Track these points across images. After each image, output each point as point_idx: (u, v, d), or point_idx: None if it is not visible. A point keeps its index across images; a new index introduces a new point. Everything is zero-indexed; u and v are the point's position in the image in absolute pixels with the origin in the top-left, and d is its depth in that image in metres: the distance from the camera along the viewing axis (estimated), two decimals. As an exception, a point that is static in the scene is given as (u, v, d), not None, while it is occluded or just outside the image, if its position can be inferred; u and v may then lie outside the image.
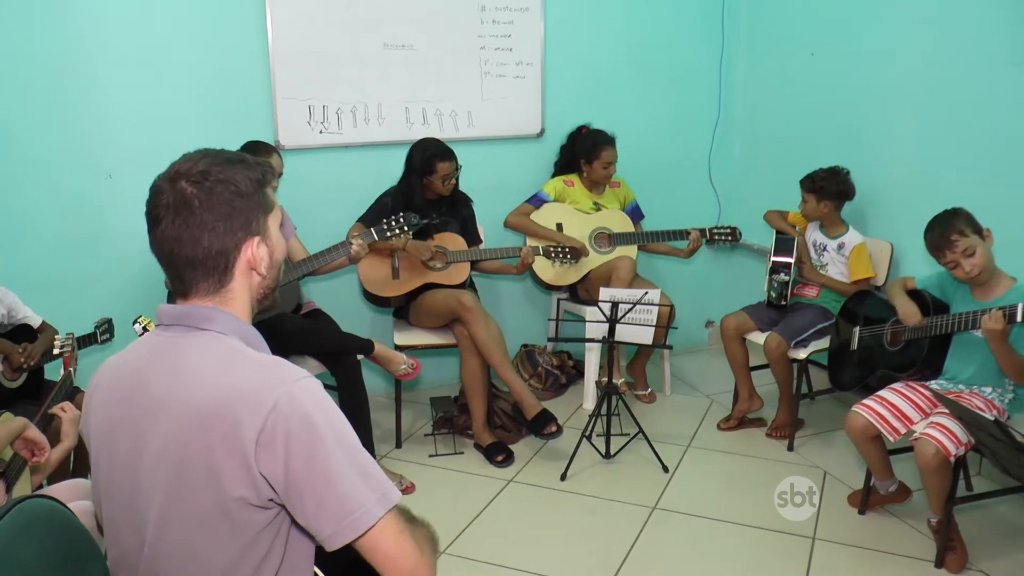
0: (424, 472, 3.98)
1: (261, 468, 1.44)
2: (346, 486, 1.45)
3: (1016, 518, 3.56)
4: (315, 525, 1.46)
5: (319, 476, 1.44)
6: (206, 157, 1.56)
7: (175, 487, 1.49)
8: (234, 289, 1.60)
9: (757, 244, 5.07)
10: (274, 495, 1.47)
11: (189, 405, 1.47)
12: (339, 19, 4.36)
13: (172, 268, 1.58)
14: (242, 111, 4.29)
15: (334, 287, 4.61)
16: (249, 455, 1.43)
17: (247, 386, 1.46)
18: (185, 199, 1.51)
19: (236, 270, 1.59)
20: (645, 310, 3.92)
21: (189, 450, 1.46)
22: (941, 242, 3.19)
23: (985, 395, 3.31)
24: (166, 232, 1.53)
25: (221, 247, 1.55)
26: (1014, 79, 3.61)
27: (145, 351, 1.61)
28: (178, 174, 1.53)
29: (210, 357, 1.53)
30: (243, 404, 1.44)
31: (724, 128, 5.40)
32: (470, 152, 4.56)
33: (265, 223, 1.61)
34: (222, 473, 1.44)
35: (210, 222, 1.52)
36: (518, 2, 4.70)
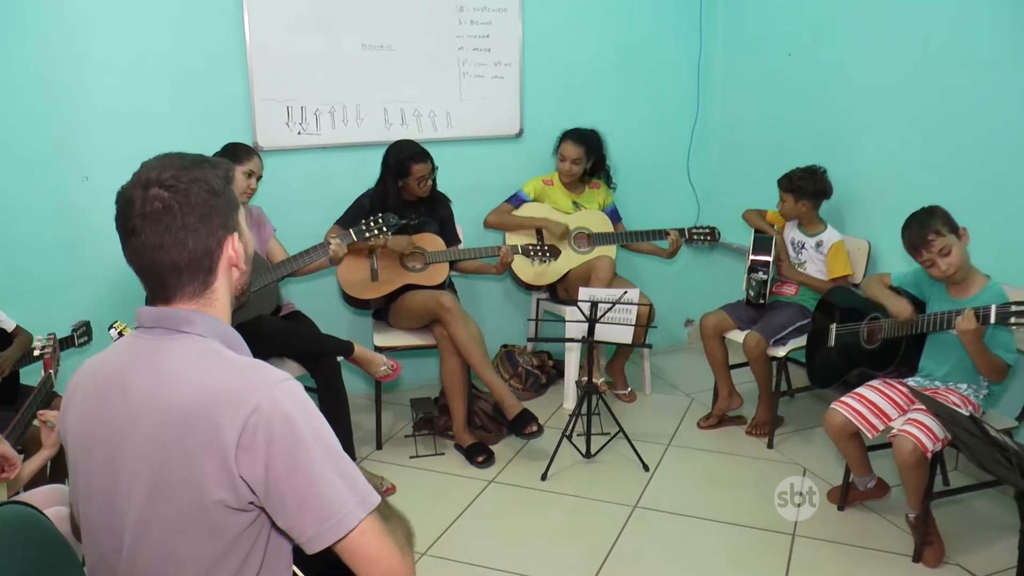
0: (405, 473, 3.97)
1: (241, 471, 1.43)
2: (327, 488, 1.44)
3: (991, 512, 3.59)
4: (296, 528, 1.46)
5: (300, 479, 1.43)
6: (170, 162, 1.55)
7: (154, 490, 1.48)
8: (217, 289, 1.59)
9: (736, 243, 5.09)
10: (254, 498, 1.46)
11: (169, 408, 1.46)
12: (317, 19, 4.35)
13: (154, 276, 1.56)
14: (220, 112, 4.27)
15: (313, 289, 4.60)
16: (229, 458, 1.42)
17: (227, 389, 1.45)
18: (164, 205, 1.50)
19: (219, 269, 1.59)
20: (624, 309, 3.93)
21: (168, 453, 1.45)
22: (918, 241, 3.22)
23: (961, 391, 3.34)
24: (147, 241, 1.51)
25: (206, 247, 1.55)
26: (990, 78, 3.64)
27: (125, 354, 1.60)
28: (149, 181, 1.52)
29: (190, 360, 1.52)
30: (223, 407, 1.43)
31: (702, 128, 5.42)
32: (449, 153, 4.56)
33: (237, 219, 1.62)
34: (202, 476, 1.44)
35: (192, 224, 1.52)
36: (496, 2, 4.70)
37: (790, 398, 4.73)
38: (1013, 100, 3.54)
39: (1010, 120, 3.56)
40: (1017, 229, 3.55)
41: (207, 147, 3.70)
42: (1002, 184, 3.61)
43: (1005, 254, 3.54)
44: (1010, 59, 3.53)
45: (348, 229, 3.93)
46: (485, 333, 4.19)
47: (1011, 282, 3.36)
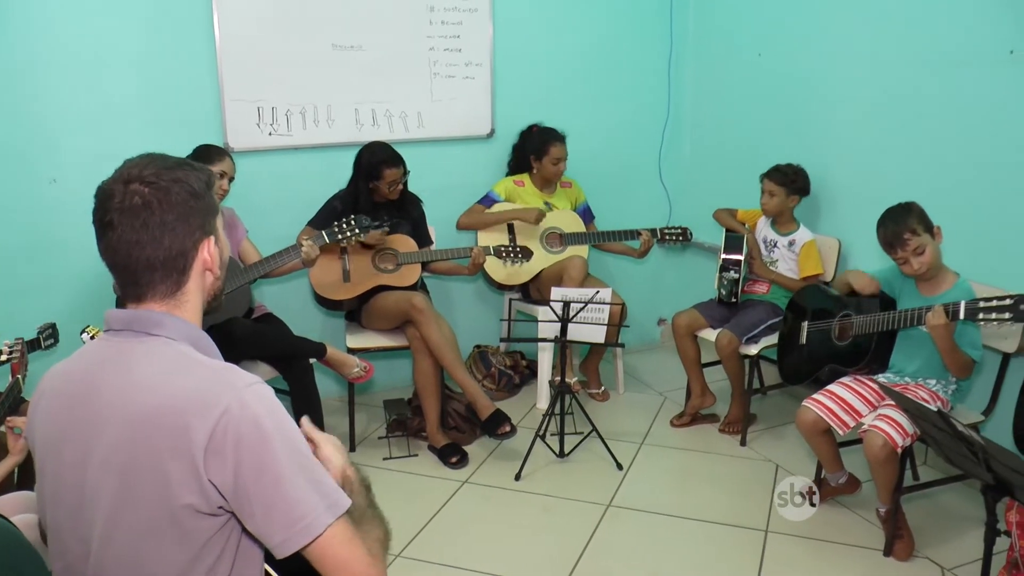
0: (378, 475, 3.96)
1: (210, 475, 1.42)
2: (296, 492, 1.44)
3: (959, 505, 3.63)
4: (265, 532, 1.45)
5: (269, 482, 1.43)
6: (153, 160, 1.55)
7: (122, 495, 1.46)
8: (189, 291, 1.59)
9: (708, 242, 5.11)
10: (223, 502, 1.45)
11: (137, 411, 1.45)
12: (287, 20, 4.32)
13: (128, 272, 1.55)
14: (190, 113, 4.23)
15: (286, 290, 4.57)
16: (198, 461, 1.41)
17: (197, 392, 1.45)
18: (143, 200, 1.50)
19: (193, 271, 1.58)
20: (597, 309, 3.94)
21: (137, 457, 1.44)
22: (894, 239, 3.24)
23: (930, 387, 3.38)
24: (124, 236, 1.50)
25: (181, 247, 1.54)
26: (957, 78, 3.69)
27: (93, 357, 1.58)
28: (130, 177, 1.52)
29: (159, 363, 1.51)
30: (193, 410, 1.42)
31: (673, 128, 5.44)
32: (420, 153, 4.55)
33: (214, 223, 1.62)
34: (170, 480, 1.43)
35: (170, 222, 1.51)
36: (467, 3, 4.69)
37: (762, 396, 4.76)
38: (981, 99, 3.59)
39: (978, 119, 3.60)
40: (985, 227, 3.59)
41: (178, 148, 3.65)
42: (970, 182, 3.65)
43: (973, 251, 3.58)
44: (978, 59, 3.57)
45: (321, 231, 3.91)
46: (458, 334, 4.19)
47: (979, 279, 3.40)
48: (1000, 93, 3.51)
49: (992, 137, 3.56)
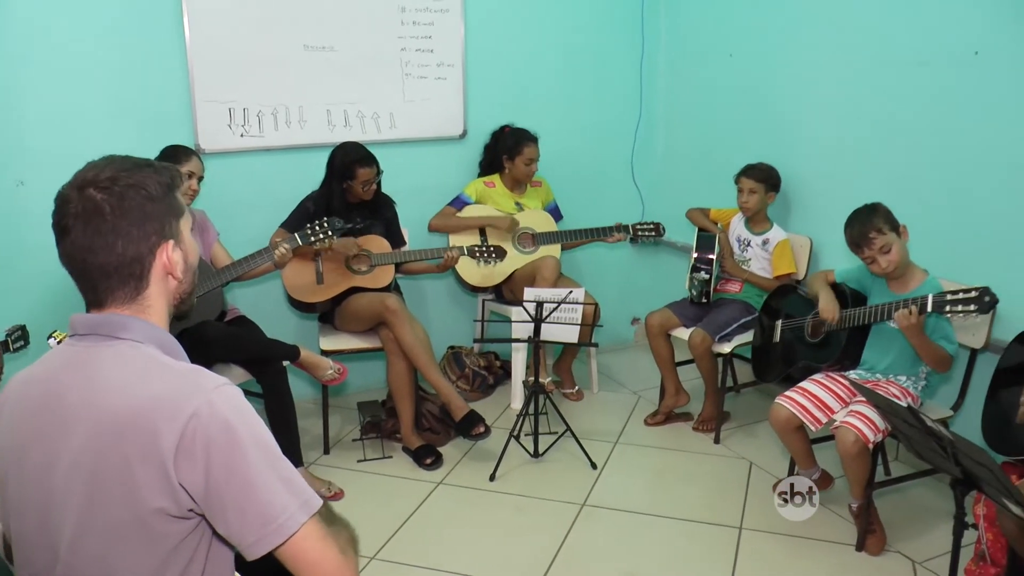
0: (353, 477, 3.95)
1: (180, 478, 1.41)
2: (268, 493, 1.43)
3: (930, 500, 3.67)
4: (236, 534, 1.44)
5: (240, 484, 1.42)
6: (112, 163, 1.53)
7: (90, 501, 1.45)
8: (151, 296, 1.56)
9: (680, 241, 5.13)
10: (194, 505, 1.44)
11: (104, 416, 1.44)
12: (258, 20, 4.29)
13: (85, 278, 1.53)
14: (160, 114, 4.19)
15: (258, 293, 4.54)
16: (168, 465, 1.40)
17: (165, 395, 1.43)
18: (96, 206, 1.47)
19: (152, 276, 1.56)
20: (570, 309, 3.94)
21: (105, 462, 1.43)
22: (860, 239, 3.28)
23: (901, 383, 3.42)
24: (77, 241, 1.49)
25: (136, 253, 1.52)
26: (919, 78, 3.73)
27: (58, 362, 1.56)
28: (85, 182, 1.49)
29: (126, 366, 1.49)
30: (161, 413, 1.41)
31: (646, 128, 5.46)
32: (392, 154, 4.54)
33: (177, 226, 1.59)
34: (139, 484, 1.41)
35: (123, 228, 1.49)
36: (438, 3, 4.69)
37: (736, 394, 4.77)
38: (947, 99, 3.63)
39: (944, 118, 3.65)
40: (952, 225, 3.64)
41: (148, 150, 3.67)
42: (938, 181, 3.70)
43: (941, 249, 3.62)
44: (944, 59, 3.61)
45: (293, 233, 3.89)
46: (431, 335, 4.18)
47: (948, 276, 3.44)
48: (965, 93, 3.55)
49: (958, 136, 3.60)
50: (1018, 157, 3.37)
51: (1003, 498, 2.39)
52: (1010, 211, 3.42)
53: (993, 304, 2.92)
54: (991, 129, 3.46)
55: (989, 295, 2.91)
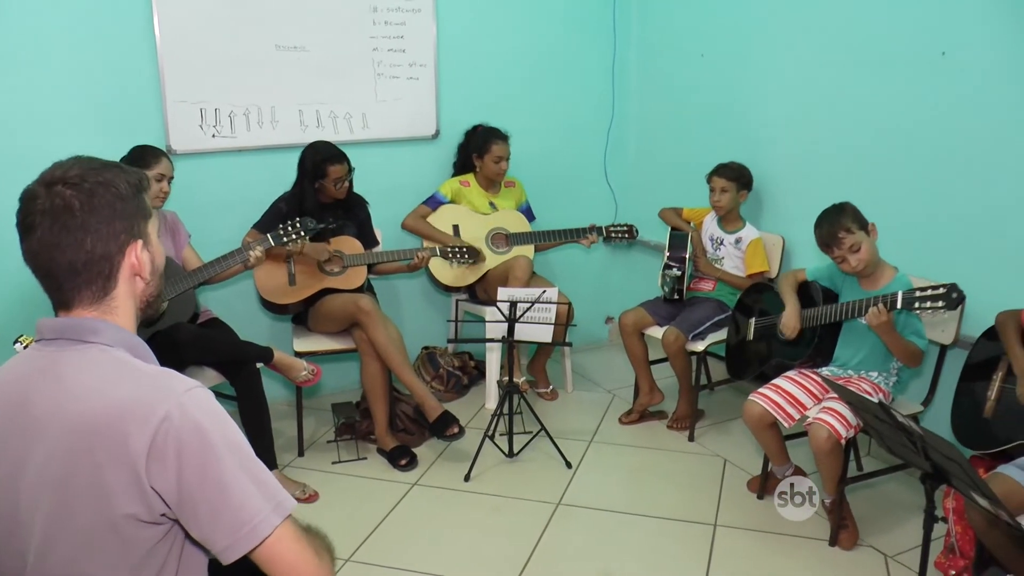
0: (328, 479, 3.93)
1: (152, 482, 1.40)
2: (241, 496, 1.42)
3: (901, 494, 3.71)
4: (210, 538, 1.43)
5: (213, 487, 1.41)
6: (80, 163, 1.52)
7: (60, 507, 1.43)
8: (118, 297, 1.55)
9: (654, 241, 5.15)
10: (166, 509, 1.43)
11: (73, 421, 1.42)
12: (229, 20, 4.27)
13: (51, 277, 1.52)
14: (130, 115, 4.15)
15: (231, 295, 4.50)
16: (139, 469, 1.39)
17: (135, 399, 1.42)
18: (65, 203, 1.46)
19: (120, 276, 1.54)
20: (544, 308, 3.95)
21: (74, 468, 1.41)
22: (829, 239, 3.32)
23: (872, 379, 3.45)
24: (44, 238, 1.47)
25: (105, 251, 1.50)
26: (887, 78, 3.77)
27: (25, 367, 1.54)
28: (53, 179, 1.48)
29: (95, 370, 1.47)
30: (132, 417, 1.39)
31: (618, 128, 5.48)
32: (365, 154, 4.53)
33: (146, 228, 1.58)
34: (110, 490, 1.40)
35: (93, 225, 1.48)
36: (410, 3, 4.68)
37: (710, 391, 4.81)
38: (914, 99, 3.67)
39: (912, 118, 3.68)
40: (921, 222, 3.67)
41: (118, 151, 3.64)
42: (906, 179, 3.73)
43: (911, 246, 3.66)
44: (911, 60, 3.65)
45: (266, 234, 3.87)
46: (405, 335, 4.17)
47: (917, 273, 3.47)
48: (932, 93, 3.59)
49: (926, 136, 3.64)
50: (984, 156, 3.41)
51: (971, 491, 2.42)
52: (977, 208, 3.47)
53: (960, 300, 2.96)
54: (958, 128, 3.50)
55: (956, 292, 2.95)
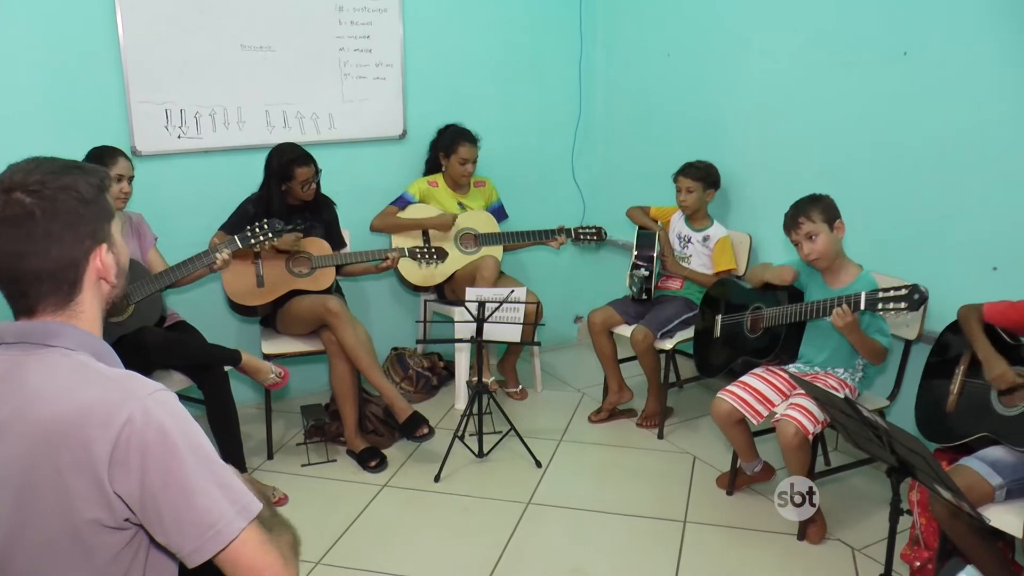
0: (297, 482, 3.91)
1: (115, 487, 1.38)
2: (206, 499, 1.41)
3: (868, 488, 3.75)
4: (175, 542, 1.42)
5: (177, 490, 1.39)
6: (39, 166, 1.48)
7: (21, 514, 1.42)
8: (83, 302, 1.53)
9: (622, 240, 5.16)
10: (130, 514, 1.42)
11: (34, 426, 1.40)
12: (193, 19, 4.22)
13: (14, 285, 1.49)
14: (93, 116, 4.09)
15: (198, 297, 4.46)
16: (102, 474, 1.37)
17: (97, 402, 1.40)
18: (25, 210, 1.43)
19: (85, 281, 1.52)
20: (512, 308, 3.95)
21: (34, 474, 1.39)
22: (790, 222, 3.39)
23: (838, 375, 3.48)
24: (5, 247, 1.44)
25: (71, 258, 1.48)
26: (850, 78, 3.81)
27: None
28: (12, 184, 1.44)
29: (57, 375, 1.45)
30: (94, 421, 1.38)
31: (586, 128, 5.49)
32: (333, 155, 4.51)
33: (110, 229, 1.55)
34: (72, 496, 1.38)
35: (56, 232, 1.45)
36: (376, 3, 4.66)
37: (679, 389, 4.84)
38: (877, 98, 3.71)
39: (875, 117, 3.73)
40: (885, 220, 3.72)
41: (80, 153, 3.59)
42: (871, 178, 3.77)
43: (875, 244, 3.71)
44: (874, 59, 3.69)
45: (233, 236, 3.84)
46: (374, 336, 4.15)
47: (882, 270, 3.51)
48: (895, 92, 3.63)
49: (888, 134, 3.68)
50: (945, 153, 3.46)
51: (935, 484, 2.46)
52: (939, 207, 3.51)
53: (922, 301, 2.99)
54: (919, 128, 3.55)
55: (918, 293, 2.98)
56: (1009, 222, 3.27)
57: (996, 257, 3.33)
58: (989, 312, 2.93)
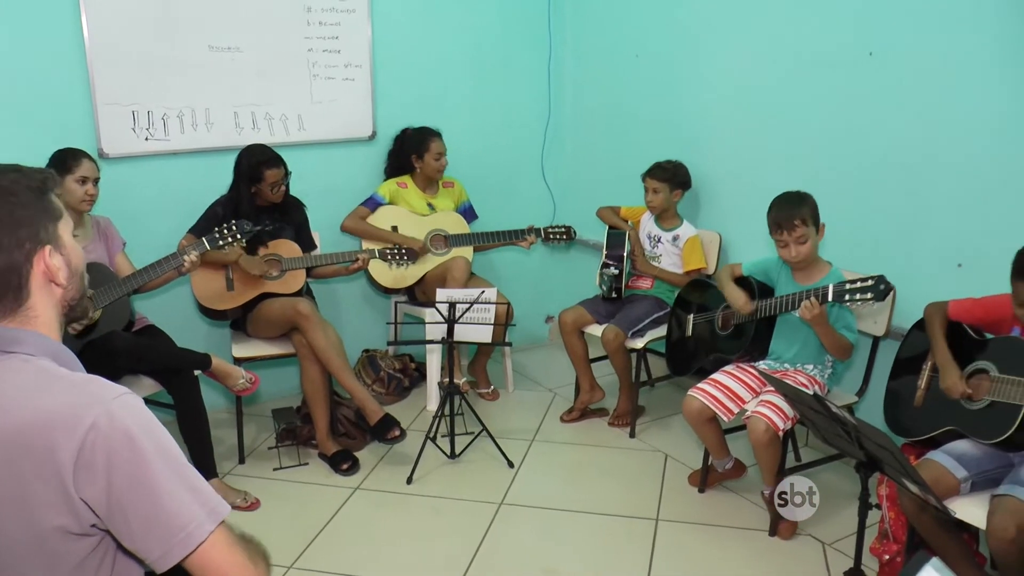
0: (269, 486, 3.88)
1: (81, 493, 1.36)
2: (174, 503, 1.39)
3: (837, 483, 3.77)
4: (143, 547, 1.40)
5: (144, 495, 1.38)
6: None
7: None
8: (35, 306, 1.50)
9: (593, 239, 5.17)
10: (96, 520, 1.40)
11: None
12: (160, 20, 4.18)
13: None
14: (58, 119, 4.03)
15: (167, 301, 4.42)
16: (67, 480, 1.35)
17: (61, 408, 1.38)
18: None
19: (32, 285, 1.49)
20: (483, 309, 3.95)
21: None
22: (784, 222, 3.36)
23: (808, 372, 3.51)
24: None
25: (10, 262, 1.45)
26: (817, 78, 3.84)
27: None
28: None
29: (18, 381, 1.42)
30: (58, 427, 1.35)
31: (555, 127, 5.50)
32: (302, 156, 4.49)
33: (55, 231, 1.52)
34: (36, 502, 1.36)
35: None
36: (344, 3, 4.64)
37: (650, 388, 4.86)
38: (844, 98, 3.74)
39: (842, 116, 3.76)
40: (853, 218, 3.75)
41: (46, 156, 3.55)
42: (838, 176, 3.80)
43: (844, 242, 3.73)
44: (841, 60, 3.72)
45: (202, 238, 3.81)
46: (345, 338, 4.14)
47: (851, 268, 3.54)
48: (861, 92, 3.67)
49: (855, 134, 3.72)
50: (911, 154, 3.50)
51: (902, 478, 2.49)
52: (905, 205, 3.55)
53: (888, 291, 3.03)
54: (886, 127, 3.58)
55: (884, 283, 3.02)
56: (973, 220, 3.32)
57: (961, 254, 3.37)
58: (954, 309, 2.97)
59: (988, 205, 3.26)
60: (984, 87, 3.23)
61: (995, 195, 3.24)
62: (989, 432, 2.72)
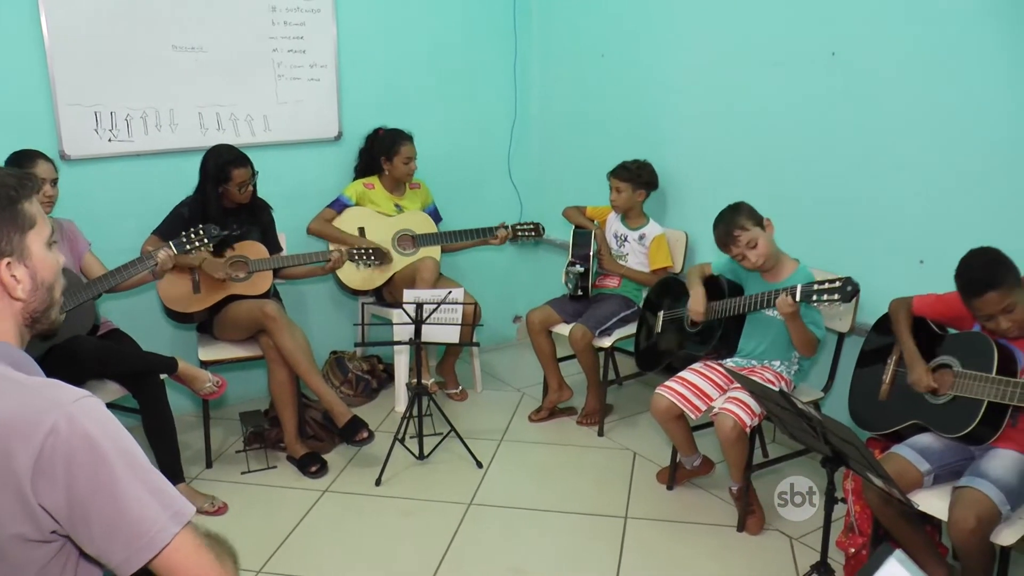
0: (237, 490, 3.85)
1: (40, 499, 1.34)
2: (136, 506, 1.37)
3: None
4: (105, 552, 1.38)
5: (106, 499, 1.35)
6: None
7: None
8: None
9: (560, 239, 5.18)
10: (57, 526, 1.37)
11: None
12: (122, 18, 4.12)
13: None
14: (17, 120, 3.96)
15: (132, 304, 4.37)
16: (25, 487, 1.33)
17: (18, 413, 1.35)
18: None
19: None
20: (450, 309, 3.94)
21: None
22: (726, 238, 3.41)
23: (775, 368, 3.55)
24: None
25: None
26: (780, 77, 3.88)
27: None
28: None
29: None
30: (14, 433, 1.33)
31: (521, 127, 5.50)
32: (268, 157, 4.46)
33: (20, 242, 1.48)
34: None
35: None
36: (309, 3, 4.61)
37: (618, 386, 4.88)
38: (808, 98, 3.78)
39: (806, 115, 3.80)
40: (817, 216, 3.79)
41: (1, 160, 3.49)
42: (802, 175, 3.85)
43: (808, 239, 3.77)
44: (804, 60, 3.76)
45: (168, 242, 3.76)
46: (313, 340, 4.12)
47: (817, 265, 3.58)
48: (824, 91, 3.71)
49: (819, 133, 3.76)
50: (873, 151, 3.54)
51: (867, 472, 2.51)
52: (868, 203, 3.60)
53: (855, 293, 3.06)
54: (848, 126, 3.63)
55: (851, 285, 3.04)
56: (934, 217, 3.37)
57: (923, 251, 3.42)
58: (918, 305, 3.01)
59: (949, 203, 3.31)
60: (944, 86, 3.28)
61: (956, 193, 3.29)
62: (952, 426, 2.76)
